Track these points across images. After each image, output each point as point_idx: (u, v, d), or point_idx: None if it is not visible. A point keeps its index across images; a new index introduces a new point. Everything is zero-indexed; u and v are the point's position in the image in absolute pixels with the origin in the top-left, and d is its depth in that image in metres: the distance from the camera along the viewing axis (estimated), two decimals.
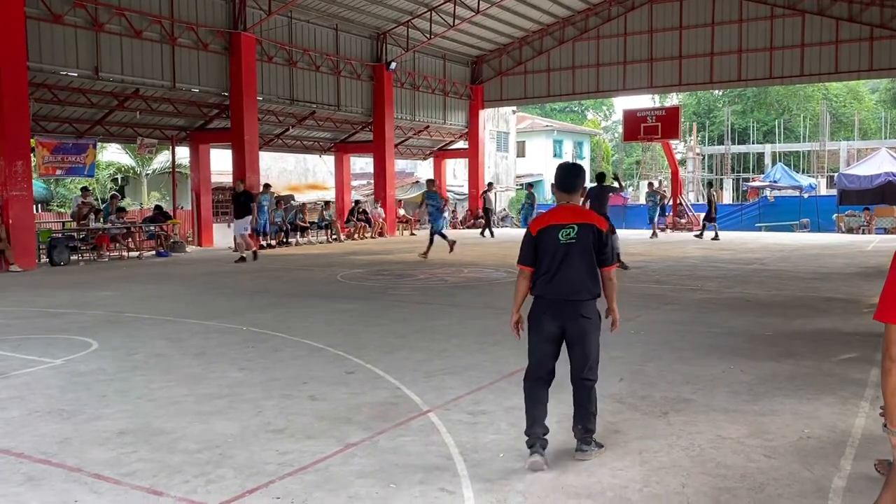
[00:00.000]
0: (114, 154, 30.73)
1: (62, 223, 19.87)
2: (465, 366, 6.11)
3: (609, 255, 3.99)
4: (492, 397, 5.15)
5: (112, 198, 19.91)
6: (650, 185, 27.66)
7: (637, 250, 17.12)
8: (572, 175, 4.09)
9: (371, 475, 3.77)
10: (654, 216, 24.93)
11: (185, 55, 19.12)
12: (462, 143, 31.96)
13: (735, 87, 35.50)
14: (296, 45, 22.37)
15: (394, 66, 25.62)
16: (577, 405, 4.03)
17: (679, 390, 5.32)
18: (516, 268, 4.10)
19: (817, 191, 35.38)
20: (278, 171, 32.46)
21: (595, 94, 30.02)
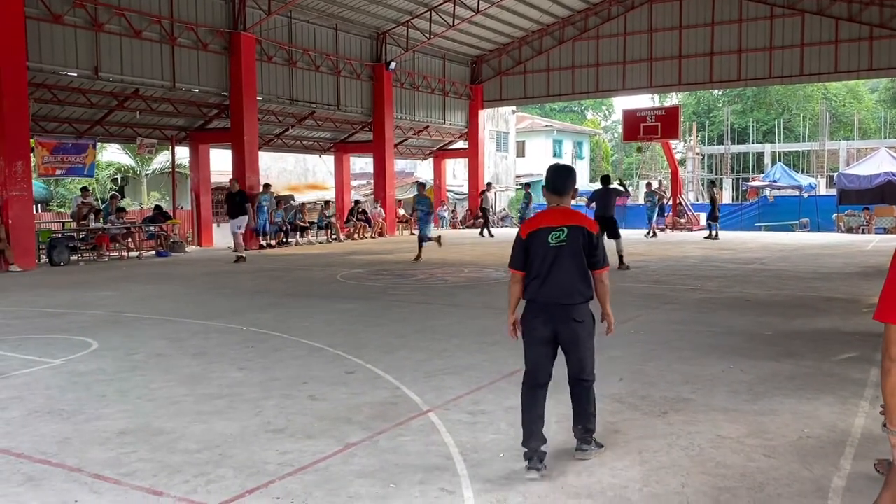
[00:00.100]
0: (113, 154, 30.71)
1: (62, 223, 19.87)
2: (465, 366, 6.12)
3: (600, 258, 3.93)
4: (491, 397, 5.15)
5: (112, 198, 19.92)
6: (648, 185, 27.66)
7: (637, 250, 17.11)
8: (563, 177, 4.02)
9: (371, 475, 3.77)
10: (653, 216, 24.96)
11: (185, 55, 19.12)
12: (462, 143, 31.97)
13: (735, 86, 35.52)
14: (295, 45, 22.37)
15: (393, 65, 25.62)
16: (576, 406, 4.03)
17: (679, 390, 5.32)
18: (508, 272, 4.07)
19: (817, 190, 35.39)
20: (278, 170, 32.47)
21: (595, 93, 30.03)
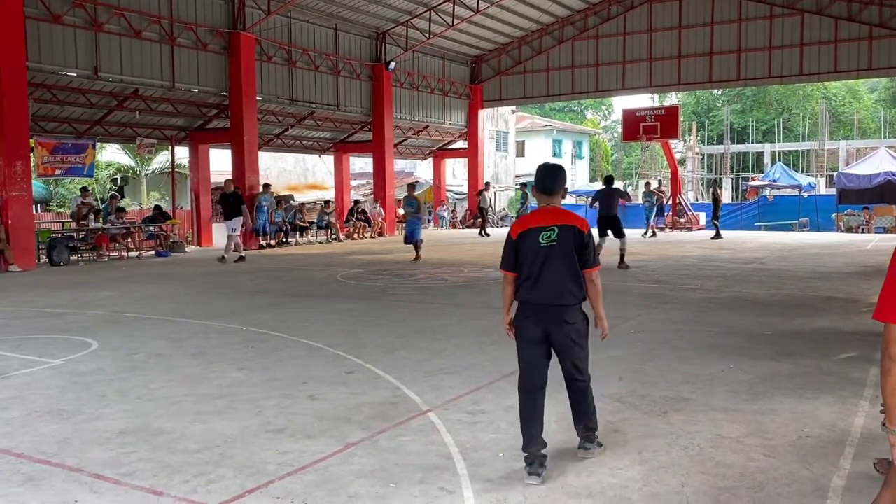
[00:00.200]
0: (113, 154, 30.72)
1: (62, 223, 19.87)
2: (465, 365, 6.12)
3: (591, 257, 3.88)
4: (491, 397, 5.15)
5: (111, 198, 19.92)
6: (647, 185, 27.67)
7: (636, 250, 17.11)
8: (552, 176, 3.97)
9: (371, 475, 3.77)
10: (651, 216, 24.98)
11: (185, 55, 19.12)
12: (461, 143, 31.97)
13: (734, 86, 35.56)
14: (295, 45, 22.36)
15: (393, 65, 25.62)
16: (574, 405, 4.02)
17: (678, 389, 5.32)
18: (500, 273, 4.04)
19: (816, 190, 35.38)
20: (278, 170, 32.48)
21: (594, 93, 30.04)
